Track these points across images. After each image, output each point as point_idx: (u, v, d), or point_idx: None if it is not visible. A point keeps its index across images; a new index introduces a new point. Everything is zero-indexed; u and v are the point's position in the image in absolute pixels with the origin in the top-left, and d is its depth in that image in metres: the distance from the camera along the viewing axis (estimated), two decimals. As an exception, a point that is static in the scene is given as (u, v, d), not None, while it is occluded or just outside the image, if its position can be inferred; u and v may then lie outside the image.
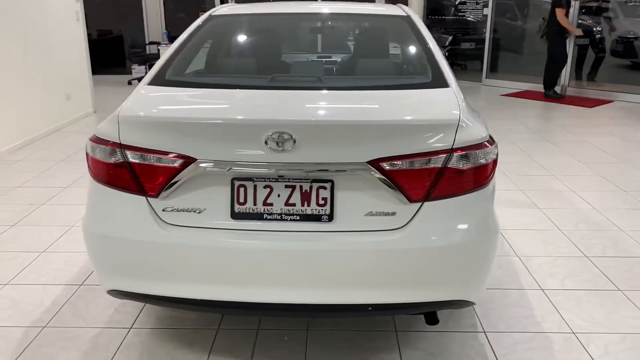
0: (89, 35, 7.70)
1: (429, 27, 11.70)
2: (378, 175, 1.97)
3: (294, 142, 1.94)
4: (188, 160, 1.99)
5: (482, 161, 2.06)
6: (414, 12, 3.19)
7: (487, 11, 10.04)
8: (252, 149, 1.96)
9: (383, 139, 1.97)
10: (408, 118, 2.02)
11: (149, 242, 2.04)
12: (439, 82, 2.38)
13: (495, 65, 10.44)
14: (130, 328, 2.63)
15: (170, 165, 2.00)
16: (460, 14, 11.22)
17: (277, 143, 1.94)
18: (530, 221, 3.90)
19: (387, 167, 1.97)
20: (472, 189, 2.06)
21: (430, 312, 2.27)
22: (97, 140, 2.11)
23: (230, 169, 1.98)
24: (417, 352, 2.44)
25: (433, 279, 2.06)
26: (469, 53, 11.19)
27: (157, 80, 2.45)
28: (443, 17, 11.62)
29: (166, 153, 2.00)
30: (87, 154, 2.17)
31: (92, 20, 9.75)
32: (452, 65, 11.76)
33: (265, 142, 1.94)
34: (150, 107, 2.14)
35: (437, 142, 1.99)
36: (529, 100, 8.61)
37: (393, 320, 2.66)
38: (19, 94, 5.86)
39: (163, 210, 2.05)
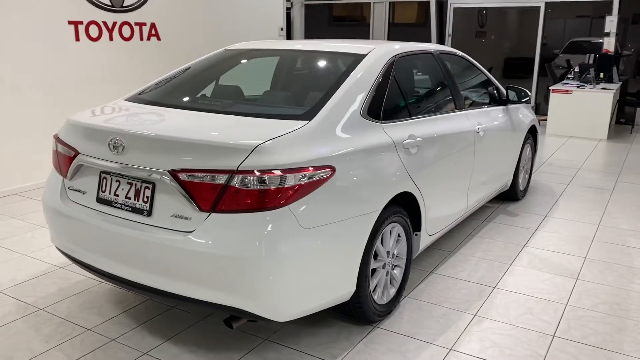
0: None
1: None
2: (175, 183, 2.35)
3: (123, 147, 2.47)
4: (76, 153, 2.70)
5: (269, 186, 2.25)
6: (392, 51, 3.17)
7: None
8: (103, 149, 2.57)
9: (181, 153, 2.36)
10: (203, 138, 2.35)
11: (58, 212, 2.80)
12: (306, 116, 2.59)
13: None
14: (102, 283, 3.44)
15: (69, 155, 2.74)
16: None
17: (114, 147, 2.50)
18: (542, 289, 3.43)
19: (183, 178, 2.34)
20: (258, 209, 2.26)
21: (230, 316, 2.47)
22: (54, 136, 2.97)
23: (95, 162, 2.62)
24: (257, 360, 2.64)
25: (210, 282, 2.32)
26: None
27: (132, 97, 3.22)
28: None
29: (68, 145, 2.75)
30: None
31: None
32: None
33: (109, 145, 2.52)
34: (85, 114, 2.91)
35: (224, 162, 2.28)
36: None
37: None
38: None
39: (68, 188, 2.80)
